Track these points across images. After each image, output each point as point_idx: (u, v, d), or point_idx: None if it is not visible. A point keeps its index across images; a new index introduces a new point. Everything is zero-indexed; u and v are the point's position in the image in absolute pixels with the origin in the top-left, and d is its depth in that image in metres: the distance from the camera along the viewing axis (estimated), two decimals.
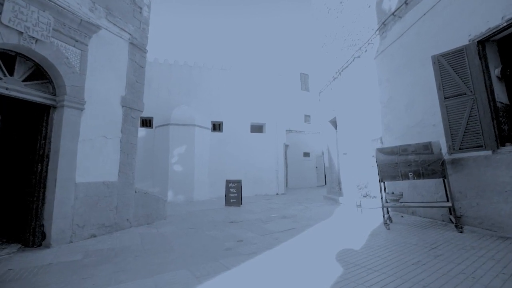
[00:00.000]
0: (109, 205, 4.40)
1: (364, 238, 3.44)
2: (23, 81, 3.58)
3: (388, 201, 4.15)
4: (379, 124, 5.83)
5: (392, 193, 4.22)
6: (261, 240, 3.67)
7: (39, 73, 3.80)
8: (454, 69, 3.66)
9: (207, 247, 3.43)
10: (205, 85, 11.58)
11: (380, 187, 4.12)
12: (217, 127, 11.58)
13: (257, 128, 12.46)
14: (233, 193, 7.76)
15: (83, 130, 4.09)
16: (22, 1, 3.31)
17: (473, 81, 3.47)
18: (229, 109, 11.67)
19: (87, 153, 4.13)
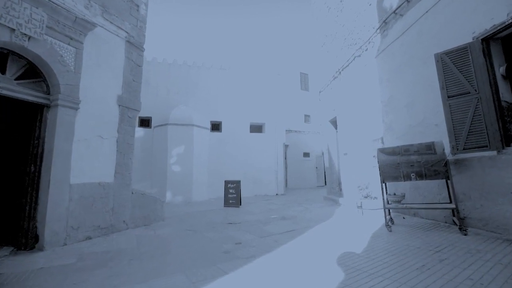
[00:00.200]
0: (105, 206, 4.31)
1: (366, 241, 3.35)
2: (16, 79, 3.49)
3: (390, 202, 4.06)
4: (380, 124, 5.74)
5: (394, 194, 4.13)
6: (260, 242, 3.58)
7: (33, 72, 3.70)
8: (458, 68, 3.57)
9: (204, 250, 3.34)
10: (204, 85, 11.49)
11: (382, 188, 4.04)
12: (216, 127, 11.49)
13: (256, 128, 12.37)
14: (232, 194, 7.67)
15: (78, 130, 4.00)
16: None
17: (477, 79, 3.38)
18: (228, 109, 11.58)
19: (82, 153, 4.04)
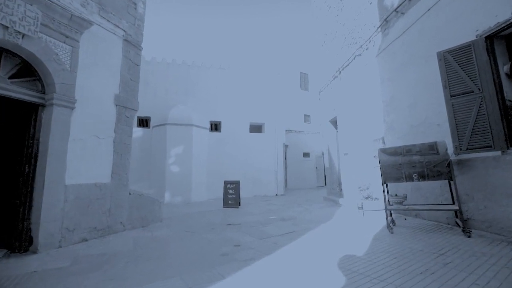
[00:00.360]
0: (101, 207, 4.24)
1: (367, 243, 3.28)
2: (10, 78, 3.41)
3: (392, 203, 3.99)
4: (381, 124, 5.67)
5: (395, 195, 4.05)
6: (259, 244, 3.51)
7: (27, 70, 3.63)
8: (461, 66, 3.50)
9: (202, 252, 3.27)
10: (203, 85, 11.41)
11: (383, 189, 3.97)
12: (215, 127, 11.41)
13: (256, 128, 12.29)
14: (232, 194, 7.60)
15: (73, 129, 3.93)
16: None
17: (481, 78, 3.31)
18: (228, 109, 11.50)
19: (78, 153, 3.96)
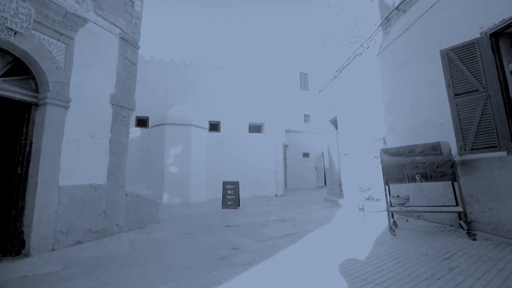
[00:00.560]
0: (97, 209, 4.14)
1: (369, 246, 3.19)
2: (1, 76, 3.32)
3: (394, 205, 3.90)
4: (382, 124, 5.59)
5: (397, 196, 3.96)
6: (258, 247, 3.42)
7: (20, 69, 3.53)
8: (465, 64, 3.41)
9: (200, 255, 3.17)
10: (202, 84, 11.31)
11: (385, 190, 3.88)
12: (214, 127, 11.31)
13: (255, 128, 12.19)
14: (231, 195, 7.50)
15: (68, 129, 3.83)
16: None
17: (485, 76, 3.23)
18: (227, 109, 11.40)
19: (72, 154, 3.87)
